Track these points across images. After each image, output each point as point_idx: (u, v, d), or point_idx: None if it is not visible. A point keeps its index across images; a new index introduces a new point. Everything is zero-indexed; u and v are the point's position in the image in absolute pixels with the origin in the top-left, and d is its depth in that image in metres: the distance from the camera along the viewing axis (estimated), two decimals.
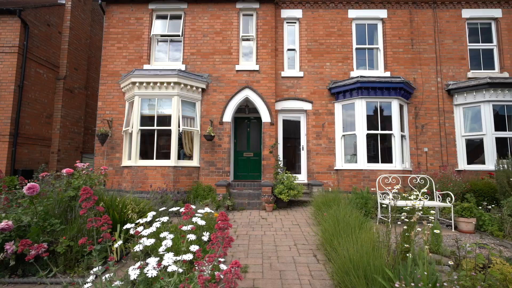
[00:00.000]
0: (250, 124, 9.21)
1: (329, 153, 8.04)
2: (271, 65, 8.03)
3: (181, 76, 7.39)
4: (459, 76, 8.26)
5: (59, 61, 9.90)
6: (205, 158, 7.74)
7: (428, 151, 7.99)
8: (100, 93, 8.08)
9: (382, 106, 7.82)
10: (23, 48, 8.47)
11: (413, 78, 8.27)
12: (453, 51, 8.38)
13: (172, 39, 8.46)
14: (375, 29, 8.71)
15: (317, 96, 8.26)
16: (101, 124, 7.83)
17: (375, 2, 8.55)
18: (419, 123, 8.09)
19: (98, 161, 7.76)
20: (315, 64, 8.39)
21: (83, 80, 10.91)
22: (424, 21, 8.51)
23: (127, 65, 8.15)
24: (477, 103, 7.77)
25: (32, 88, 8.79)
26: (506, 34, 8.39)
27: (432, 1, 8.50)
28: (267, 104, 7.85)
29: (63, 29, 10.04)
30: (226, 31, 8.19)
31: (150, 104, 7.59)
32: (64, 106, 9.81)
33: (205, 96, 7.96)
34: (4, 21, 8.43)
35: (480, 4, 8.52)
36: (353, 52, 8.48)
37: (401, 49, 8.42)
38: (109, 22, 8.34)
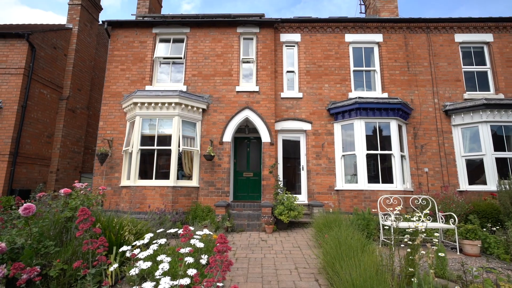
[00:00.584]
0: (250, 144, 9.24)
1: (329, 173, 8.00)
2: (270, 87, 8.20)
3: (182, 96, 7.52)
4: (455, 97, 8.41)
5: (63, 82, 10.11)
6: (205, 178, 7.69)
7: (429, 171, 7.96)
8: (102, 113, 8.17)
9: (381, 126, 7.89)
10: (29, 69, 8.68)
11: (411, 99, 8.41)
12: (448, 73, 8.59)
13: (174, 61, 8.69)
14: (371, 52, 8.99)
15: (316, 116, 8.36)
16: (102, 144, 7.85)
17: (370, 27, 8.89)
18: (418, 143, 8.13)
19: (97, 181, 7.70)
20: (314, 85, 8.56)
21: (86, 100, 11.08)
22: (418, 44, 8.80)
23: (129, 86, 8.31)
24: (475, 124, 7.85)
25: (35, 108, 8.91)
26: (498, 57, 8.65)
27: (426, 26, 8.83)
28: (266, 124, 7.92)
29: (68, 52, 10.34)
30: (227, 54, 8.44)
31: (151, 124, 7.65)
32: (66, 126, 9.89)
33: (205, 116, 8.05)
34: (12, 44, 8.70)
35: (471, 29, 8.85)
36: (350, 74, 8.69)
37: (398, 71, 8.63)
38: (114, 45, 8.61)
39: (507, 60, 8.60)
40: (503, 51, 8.69)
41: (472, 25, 8.81)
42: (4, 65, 8.57)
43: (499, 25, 8.77)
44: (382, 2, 10.26)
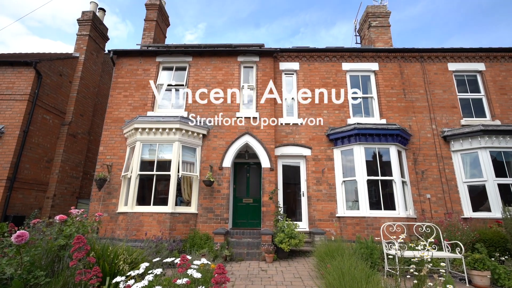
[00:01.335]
0: (250, 169, 9.20)
1: (330, 200, 7.87)
2: (270, 113, 8.33)
3: (183, 122, 7.62)
4: (452, 124, 8.52)
5: (66, 108, 10.28)
6: (204, 204, 7.56)
7: (431, 197, 7.84)
8: (103, 138, 8.22)
9: (381, 152, 7.90)
10: (34, 95, 8.87)
11: (409, 125, 8.52)
12: (444, 100, 8.78)
13: (176, 88, 8.91)
14: (368, 79, 9.25)
15: (315, 142, 8.40)
16: (101, 169, 7.81)
17: (366, 56, 9.23)
18: (419, 169, 8.09)
19: (94, 207, 7.55)
20: (313, 111, 8.71)
21: (87, 125, 11.20)
22: (413, 73, 9.09)
23: (131, 112, 8.45)
24: (474, 150, 7.88)
25: (36, 133, 8.97)
26: (491, 85, 8.89)
27: (419, 56, 9.18)
28: (266, 150, 7.94)
29: (74, 79, 10.64)
30: (228, 81, 8.68)
31: (151, 149, 7.67)
32: (66, 151, 9.90)
33: (205, 142, 8.09)
34: (19, 72, 8.97)
35: (463, 58, 9.19)
36: (348, 100, 8.87)
37: (395, 98, 8.83)
38: (118, 73, 8.88)
39: (500, 88, 8.84)
40: (496, 79, 8.95)
41: (464, 55, 9.16)
42: (10, 91, 8.77)
43: (490, 55, 9.12)
44: (376, 34, 10.76)
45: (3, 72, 8.99)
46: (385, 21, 10.91)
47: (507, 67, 9.07)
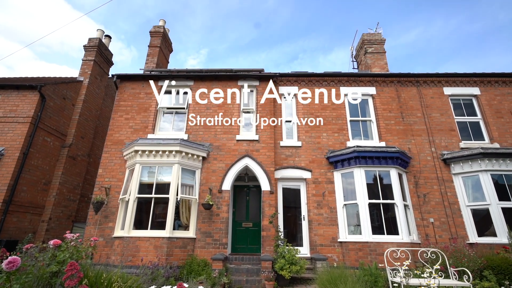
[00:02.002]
0: (250, 192, 9.09)
1: (331, 224, 7.70)
2: (270, 135, 8.39)
3: (183, 145, 7.64)
4: (451, 146, 8.55)
5: (67, 130, 10.36)
6: (202, 228, 7.38)
7: (435, 221, 7.68)
8: (102, 161, 8.20)
9: (381, 175, 7.85)
10: (36, 118, 8.97)
11: (408, 148, 8.54)
12: (441, 123, 8.87)
13: (177, 111, 9.04)
14: (366, 103, 9.41)
15: (315, 165, 8.38)
16: (98, 192, 7.71)
17: (363, 81, 9.47)
18: (420, 192, 8.00)
19: (89, 231, 7.37)
20: (312, 134, 8.77)
21: (88, 147, 11.23)
22: (410, 97, 9.26)
23: (132, 134, 8.50)
24: (475, 172, 7.84)
25: (36, 155, 8.97)
26: (487, 108, 9.03)
27: (415, 80, 9.41)
28: (266, 172, 7.89)
29: (77, 102, 10.82)
30: (228, 105, 8.82)
31: (150, 172, 7.63)
32: (64, 173, 9.84)
33: (205, 164, 8.07)
34: (24, 95, 9.15)
35: (458, 83, 9.42)
36: (347, 123, 8.97)
37: (393, 121, 8.93)
38: (121, 96, 9.05)
39: (496, 112, 8.97)
40: (491, 103, 9.11)
41: (458, 80, 9.40)
42: (14, 114, 8.89)
43: (484, 80, 9.36)
44: (372, 59, 11.12)
45: (8, 96, 9.17)
46: (380, 48, 11.31)
47: (502, 92, 9.27)
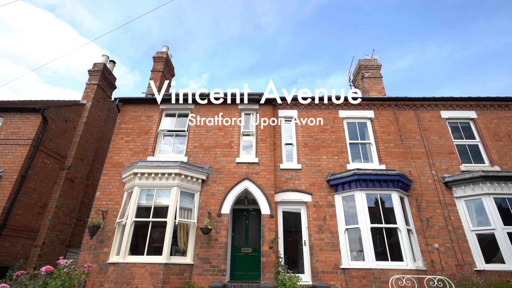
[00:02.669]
0: (249, 216, 8.91)
1: (333, 249, 7.47)
2: (270, 158, 8.38)
3: (182, 167, 7.61)
4: (452, 169, 8.51)
5: (67, 152, 10.37)
6: (200, 254, 7.15)
7: (440, 247, 7.46)
8: (101, 183, 8.12)
9: (383, 198, 7.75)
10: (37, 140, 9.02)
11: (408, 171, 8.49)
12: (441, 146, 8.89)
13: (178, 134, 9.10)
14: (365, 126, 9.50)
15: (316, 188, 8.29)
16: (95, 215, 7.56)
17: (362, 104, 9.62)
18: (423, 216, 7.84)
19: (83, 257, 7.13)
20: (312, 157, 8.76)
21: (87, 170, 11.17)
22: (408, 120, 9.37)
23: (132, 157, 8.49)
24: (477, 196, 7.74)
25: (34, 178, 8.90)
26: (485, 131, 9.10)
27: (412, 104, 9.57)
28: (266, 196, 7.79)
29: (78, 124, 10.93)
30: (228, 127, 8.91)
31: (149, 195, 7.53)
32: (61, 196, 9.71)
33: (204, 187, 7.98)
34: (27, 118, 9.26)
35: (455, 107, 9.57)
36: (347, 146, 8.99)
37: (392, 144, 8.96)
38: (122, 119, 9.15)
39: (494, 135, 9.03)
40: (489, 126, 9.20)
41: (455, 103, 9.55)
42: (15, 136, 8.94)
43: (480, 104, 9.52)
44: (369, 84, 11.39)
45: (10, 118, 9.28)
46: (377, 73, 11.62)
47: (498, 115, 9.40)
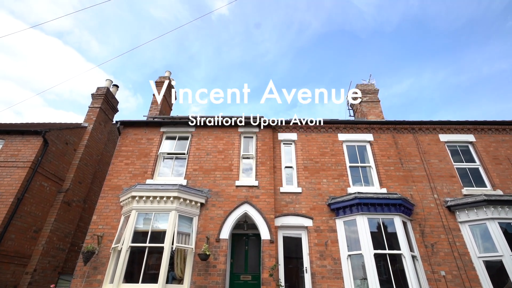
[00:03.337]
0: (249, 241, 8.67)
1: (336, 277, 7.18)
2: (270, 181, 8.31)
3: (181, 190, 7.52)
4: (454, 193, 8.41)
5: (66, 175, 10.30)
6: (197, 282, 6.86)
7: (446, 275, 7.17)
8: (98, 207, 7.98)
9: (385, 223, 7.58)
10: (36, 163, 8.98)
11: (410, 195, 8.39)
12: (441, 170, 8.85)
13: (178, 157, 9.10)
14: (364, 149, 9.53)
15: (317, 212, 8.14)
16: (90, 240, 7.35)
17: (360, 128, 9.72)
18: (427, 242, 7.62)
19: (75, 285, 6.83)
20: (312, 180, 8.69)
21: (84, 193, 11.03)
22: (407, 143, 9.41)
23: (130, 180, 8.42)
24: (482, 221, 7.57)
25: (30, 201, 8.76)
26: (485, 155, 9.11)
27: (411, 128, 9.66)
28: (266, 220, 7.63)
29: (79, 147, 10.96)
30: (228, 150, 8.92)
31: (146, 219, 7.37)
32: (57, 220, 9.50)
33: (203, 211, 7.84)
34: (28, 140, 9.30)
35: (453, 130, 9.65)
36: (347, 169, 8.95)
37: (392, 167, 8.92)
38: (122, 142, 9.19)
39: (494, 158, 9.02)
40: (488, 149, 9.22)
41: (453, 127, 9.65)
42: (14, 158, 8.92)
43: (477, 127, 9.61)
44: (367, 108, 11.58)
45: (11, 141, 9.32)
46: (374, 97, 11.86)
47: (496, 139, 9.45)
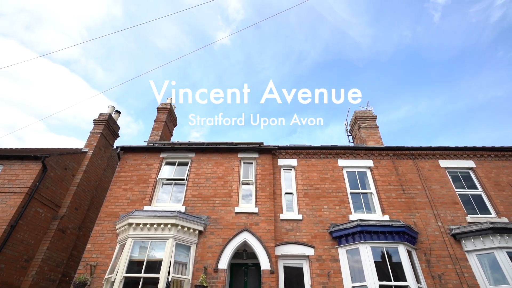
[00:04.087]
0: (248, 271, 8.33)
1: None
2: (270, 208, 8.16)
3: (179, 217, 7.35)
4: (458, 221, 8.21)
5: (62, 201, 10.11)
6: None
7: None
8: (93, 234, 7.76)
9: (389, 252, 7.32)
10: (33, 189, 8.86)
11: (413, 222, 8.19)
12: (443, 196, 8.72)
13: (176, 182, 9.01)
14: (365, 175, 9.46)
15: (318, 240, 7.90)
16: (83, 270, 7.05)
17: (360, 153, 9.74)
18: (434, 273, 7.31)
19: None
20: (313, 207, 8.53)
21: (80, 220, 10.76)
22: (407, 169, 9.37)
23: (128, 206, 8.27)
24: (489, 250, 7.32)
25: (23, 228, 8.52)
26: (486, 181, 9.02)
27: (410, 154, 9.67)
28: (266, 249, 7.37)
29: (77, 172, 10.87)
30: (228, 176, 8.86)
31: (142, 247, 7.13)
32: (50, 248, 9.17)
33: (201, 239, 7.60)
34: (27, 165, 9.25)
35: (452, 156, 9.66)
36: (348, 196, 8.82)
37: (394, 194, 8.80)
38: (122, 167, 9.15)
39: (496, 185, 8.93)
40: (489, 176, 9.15)
41: (452, 153, 9.66)
42: (12, 184, 8.82)
43: (477, 153, 9.63)
44: (366, 134, 11.69)
45: (10, 166, 9.28)
46: (373, 123, 12.02)
47: (496, 165, 9.43)
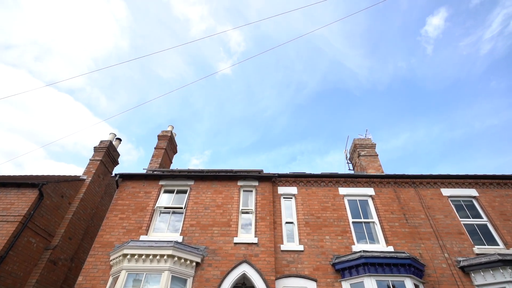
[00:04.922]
0: None
1: None
2: (270, 238, 7.90)
3: (176, 248, 7.09)
4: (465, 252, 7.92)
5: (56, 230, 9.81)
6: None
7: None
8: (85, 266, 7.43)
9: (396, 285, 6.96)
10: (27, 217, 8.63)
11: (419, 254, 7.89)
12: (448, 226, 8.50)
13: (175, 211, 8.81)
14: (366, 204, 9.29)
15: (321, 273, 7.55)
16: None
17: (361, 181, 9.64)
18: None
19: None
20: (315, 237, 8.27)
21: (73, 250, 10.36)
22: (409, 197, 9.22)
23: (123, 236, 8.01)
24: (501, 284, 6.94)
25: (13, 259, 8.17)
26: (490, 210, 8.84)
27: (412, 182, 9.58)
28: (266, 283, 7.02)
29: (74, 200, 10.66)
30: (227, 205, 8.69)
31: (136, 280, 6.79)
32: (39, 281, 8.71)
33: (198, 272, 7.27)
34: (23, 193, 9.10)
35: (454, 184, 9.55)
36: (350, 225, 8.59)
37: (397, 223, 8.58)
38: (119, 195, 9.01)
39: (501, 214, 8.74)
40: (493, 204, 8.98)
41: (454, 181, 9.56)
42: (6, 212, 8.61)
43: (479, 182, 9.52)
44: (366, 161, 11.67)
45: (6, 194, 9.12)
46: (372, 151, 12.05)
47: (499, 193, 9.29)
